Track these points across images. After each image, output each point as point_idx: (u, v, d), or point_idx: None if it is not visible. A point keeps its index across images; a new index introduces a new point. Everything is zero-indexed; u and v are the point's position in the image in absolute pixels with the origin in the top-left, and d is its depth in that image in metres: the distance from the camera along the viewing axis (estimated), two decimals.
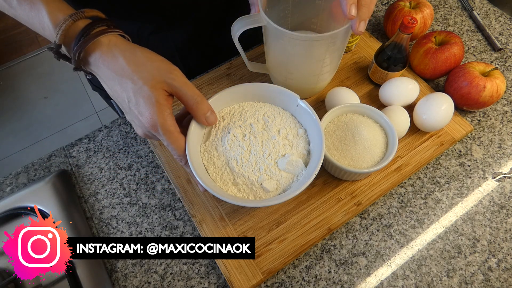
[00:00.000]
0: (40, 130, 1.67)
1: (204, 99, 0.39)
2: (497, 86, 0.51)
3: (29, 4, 0.37)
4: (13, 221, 0.51)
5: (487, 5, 0.69)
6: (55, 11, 0.36)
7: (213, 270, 0.47)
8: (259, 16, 0.44)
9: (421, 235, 0.48)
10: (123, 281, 0.47)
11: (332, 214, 0.48)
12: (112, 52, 0.36)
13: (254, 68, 0.55)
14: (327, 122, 0.50)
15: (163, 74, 0.36)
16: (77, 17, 0.36)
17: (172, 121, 0.37)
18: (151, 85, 0.36)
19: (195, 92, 0.38)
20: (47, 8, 0.36)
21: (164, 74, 0.36)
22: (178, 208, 0.52)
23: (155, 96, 0.35)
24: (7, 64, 1.85)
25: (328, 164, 0.48)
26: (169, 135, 0.37)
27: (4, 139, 1.65)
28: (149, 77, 0.36)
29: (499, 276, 0.46)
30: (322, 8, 0.51)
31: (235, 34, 0.46)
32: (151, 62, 0.36)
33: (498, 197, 0.51)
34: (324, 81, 0.54)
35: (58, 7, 0.36)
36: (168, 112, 0.37)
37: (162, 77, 0.36)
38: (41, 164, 0.57)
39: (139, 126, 0.38)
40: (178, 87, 0.37)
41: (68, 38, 0.36)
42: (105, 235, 0.50)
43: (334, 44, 0.45)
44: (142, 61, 0.36)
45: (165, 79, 0.36)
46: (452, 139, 0.53)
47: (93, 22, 0.36)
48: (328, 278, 0.46)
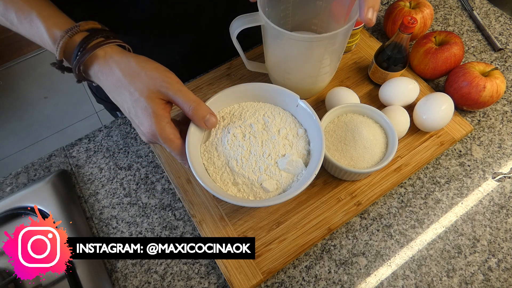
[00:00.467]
0: (40, 130, 1.67)
1: (200, 104, 0.39)
2: (497, 86, 0.51)
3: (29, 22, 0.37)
4: (13, 221, 0.51)
5: (487, 5, 0.69)
6: (52, 27, 0.36)
7: (213, 270, 0.47)
8: (258, 16, 0.43)
9: (421, 235, 0.48)
10: (123, 281, 0.47)
11: (332, 214, 0.48)
12: (108, 64, 0.37)
13: (253, 67, 0.55)
14: (327, 122, 0.50)
15: (157, 83, 0.37)
16: (73, 32, 0.36)
17: (170, 129, 0.38)
18: (147, 96, 0.36)
19: (190, 98, 0.38)
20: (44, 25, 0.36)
21: (158, 83, 0.37)
22: (178, 208, 0.52)
23: (151, 107, 0.36)
24: (7, 64, 1.85)
25: (328, 164, 0.48)
26: (169, 143, 0.38)
27: (4, 139, 1.65)
28: (144, 88, 0.36)
29: (499, 276, 0.46)
30: (323, 9, 0.51)
31: (233, 33, 0.46)
32: (145, 71, 0.37)
33: (498, 197, 0.51)
34: (323, 82, 0.54)
35: (55, 22, 0.37)
36: (166, 121, 0.37)
37: (156, 87, 0.37)
38: (41, 164, 0.57)
39: (142, 134, 0.40)
40: (172, 95, 0.37)
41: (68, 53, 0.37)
42: (105, 235, 0.50)
43: (333, 45, 0.45)
44: (137, 71, 0.37)
45: (159, 89, 0.37)
46: (452, 139, 0.53)
47: (89, 35, 0.36)
48: (328, 278, 0.46)
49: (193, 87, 0.60)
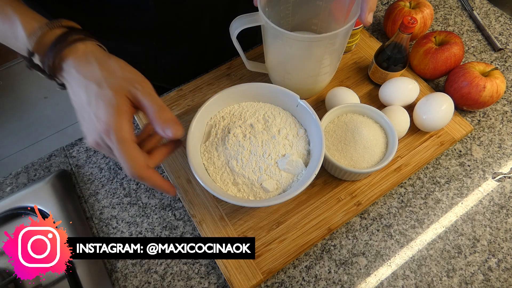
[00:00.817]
0: (40, 130, 1.67)
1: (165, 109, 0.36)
2: (497, 86, 0.51)
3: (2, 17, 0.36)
4: (13, 221, 0.51)
5: (487, 5, 0.69)
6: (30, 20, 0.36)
7: (213, 270, 0.47)
8: (258, 16, 0.43)
9: (421, 235, 0.48)
10: (123, 281, 0.47)
11: (332, 214, 0.48)
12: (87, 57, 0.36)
13: (253, 67, 0.55)
14: (327, 122, 0.50)
15: (130, 83, 0.35)
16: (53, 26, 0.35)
17: (129, 129, 0.34)
18: (116, 90, 0.34)
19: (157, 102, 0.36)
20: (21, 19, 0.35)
21: (131, 83, 0.35)
22: (178, 208, 0.52)
23: (116, 100, 0.34)
24: (7, 64, 1.85)
25: (328, 164, 0.48)
26: (123, 143, 0.33)
27: (4, 139, 1.65)
28: (116, 84, 0.35)
29: (499, 276, 0.46)
30: (323, 9, 0.51)
31: (233, 33, 0.46)
32: (123, 72, 0.36)
33: (498, 197, 0.51)
34: (322, 82, 0.54)
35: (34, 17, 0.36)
36: (127, 119, 0.34)
37: (127, 86, 0.35)
38: (41, 164, 0.57)
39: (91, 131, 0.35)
40: (140, 95, 0.35)
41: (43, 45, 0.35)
42: (105, 235, 0.50)
43: (333, 45, 0.45)
44: (115, 69, 0.35)
45: (130, 89, 0.35)
46: (452, 139, 0.53)
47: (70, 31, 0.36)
48: (328, 278, 0.46)
49: (193, 87, 0.60)
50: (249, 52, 0.63)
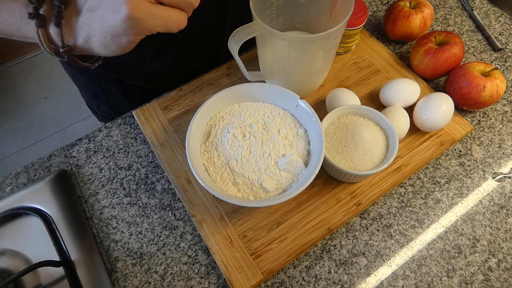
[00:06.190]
0: (40, 130, 1.67)
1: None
2: (497, 86, 0.51)
3: None
4: (13, 221, 0.51)
5: (487, 5, 0.69)
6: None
7: (213, 270, 0.47)
8: (256, 25, 0.44)
9: (421, 235, 0.48)
10: (123, 281, 0.47)
11: (332, 214, 0.48)
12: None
13: (253, 77, 0.54)
14: (327, 124, 0.50)
15: None
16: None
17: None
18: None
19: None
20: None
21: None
22: (178, 208, 0.52)
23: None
24: (7, 64, 1.85)
25: (328, 166, 0.48)
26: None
27: (4, 139, 1.65)
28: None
29: (499, 276, 0.46)
30: (306, 7, 0.52)
31: (234, 48, 0.45)
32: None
33: (498, 197, 0.51)
34: (321, 78, 0.55)
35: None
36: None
37: None
38: (41, 164, 0.57)
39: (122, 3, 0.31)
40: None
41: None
42: (105, 235, 0.50)
43: (331, 41, 0.46)
44: None
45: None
46: (452, 139, 0.53)
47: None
48: (328, 278, 0.46)
49: (193, 87, 0.60)
50: (245, 54, 0.62)
